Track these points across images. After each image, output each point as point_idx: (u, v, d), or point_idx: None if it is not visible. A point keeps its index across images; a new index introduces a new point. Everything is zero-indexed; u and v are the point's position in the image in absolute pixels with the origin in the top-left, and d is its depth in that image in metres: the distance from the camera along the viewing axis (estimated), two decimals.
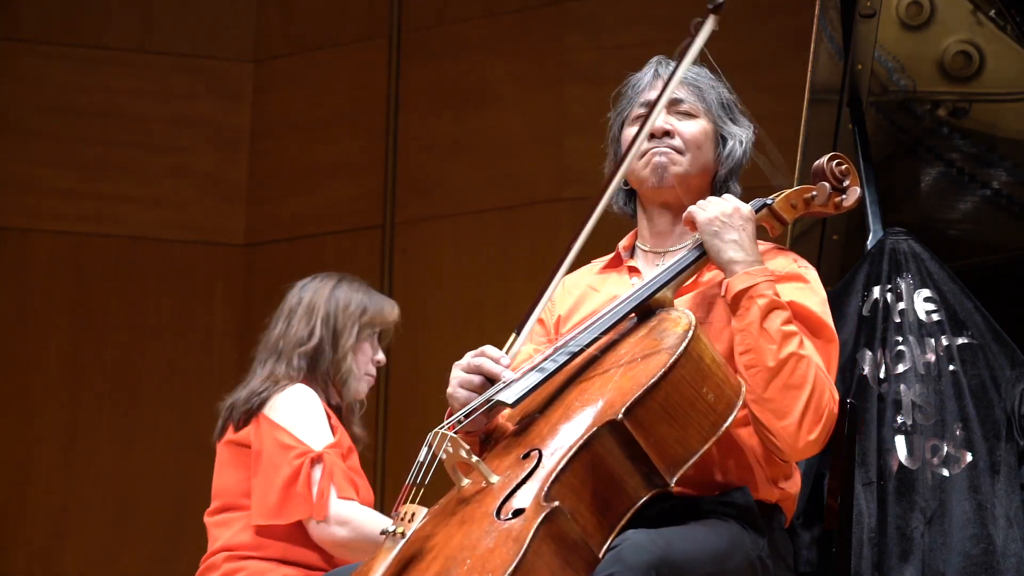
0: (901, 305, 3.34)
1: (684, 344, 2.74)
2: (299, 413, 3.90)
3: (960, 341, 3.30)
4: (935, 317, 3.32)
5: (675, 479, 2.70)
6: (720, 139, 3.15)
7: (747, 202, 3.04)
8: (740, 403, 2.79)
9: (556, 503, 2.58)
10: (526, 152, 6.71)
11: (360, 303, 4.07)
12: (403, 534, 2.68)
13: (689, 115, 3.14)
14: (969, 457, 3.20)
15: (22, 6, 7.05)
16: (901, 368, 3.27)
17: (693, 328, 2.78)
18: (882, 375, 3.27)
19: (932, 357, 3.28)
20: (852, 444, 3.15)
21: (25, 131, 6.97)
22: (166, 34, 7.15)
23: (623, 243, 3.21)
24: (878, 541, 3.16)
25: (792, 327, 2.89)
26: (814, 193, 3.09)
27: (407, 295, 6.38)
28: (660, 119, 3.08)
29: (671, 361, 2.72)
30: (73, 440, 6.81)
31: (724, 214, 2.96)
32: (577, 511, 2.62)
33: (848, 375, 3.41)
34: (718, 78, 3.19)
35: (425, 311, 6.57)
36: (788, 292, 2.97)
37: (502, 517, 2.62)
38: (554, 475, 2.62)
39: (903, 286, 3.35)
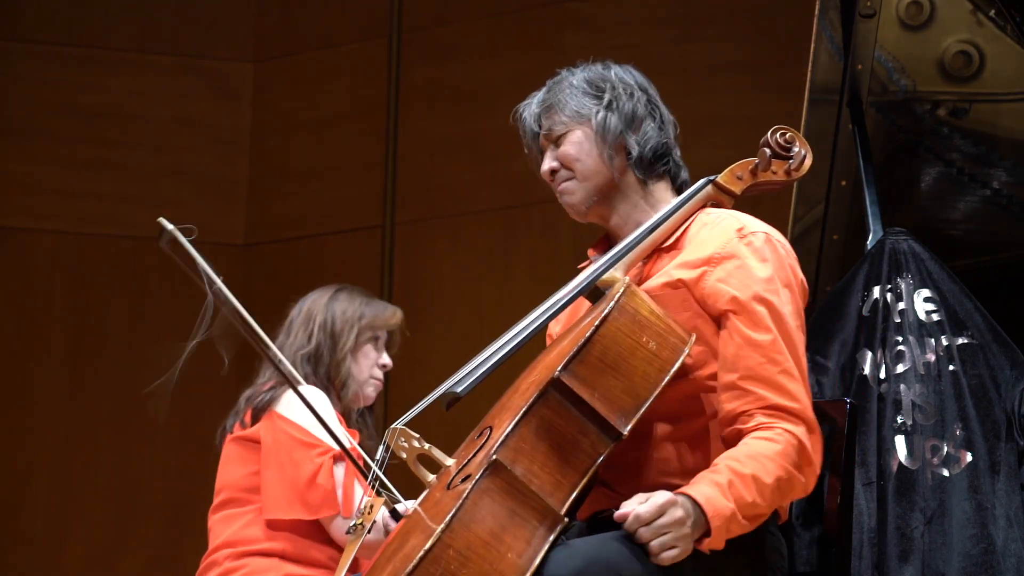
0: (901, 305, 3.34)
1: (615, 300, 2.78)
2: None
3: (960, 341, 3.30)
4: (935, 317, 3.32)
5: (629, 427, 2.73)
6: (601, 128, 3.07)
7: (695, 182, 3.02)
8: (687, 349, 2.79)
9: (495, 456, 2.63)
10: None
11: (358, 308, 4.11)
12: (363, 525, 2.82)
13: (561, 137, 3.12)
14: (969, 457, 3.20)
15: (22, 6, 7.05)
16: (901, 368, 3.27)
17: (626, 285, 2.82)
18: (882, 375, 3.27)
19: (932, 357, 3.28)
20: (852, 444, 3.15)
21: (25, 131, 6.96)
22: (166, 34, 7.15)
23: (592, 245, 3.18)
24: (878, 541, 3.16)
25: (753, 498, 2.76)
26: (756, 161, 3.08)
27: (407, 295, 6.39)
28: (545, 163, 3.14)
29: (603, 315, 2.76)
30: (73, 440, 6.80)
31: (662, 524, 2.73)
32: (531, 471, 2.66)
33: (848, 375, 3.42)
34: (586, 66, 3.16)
35: (425, 311, 6.57)
36: (717, 277, 2.89)
37: (452, 486, 2.70)
38: (500, 440, 2.67)
39: (903, 286, 3.35)
